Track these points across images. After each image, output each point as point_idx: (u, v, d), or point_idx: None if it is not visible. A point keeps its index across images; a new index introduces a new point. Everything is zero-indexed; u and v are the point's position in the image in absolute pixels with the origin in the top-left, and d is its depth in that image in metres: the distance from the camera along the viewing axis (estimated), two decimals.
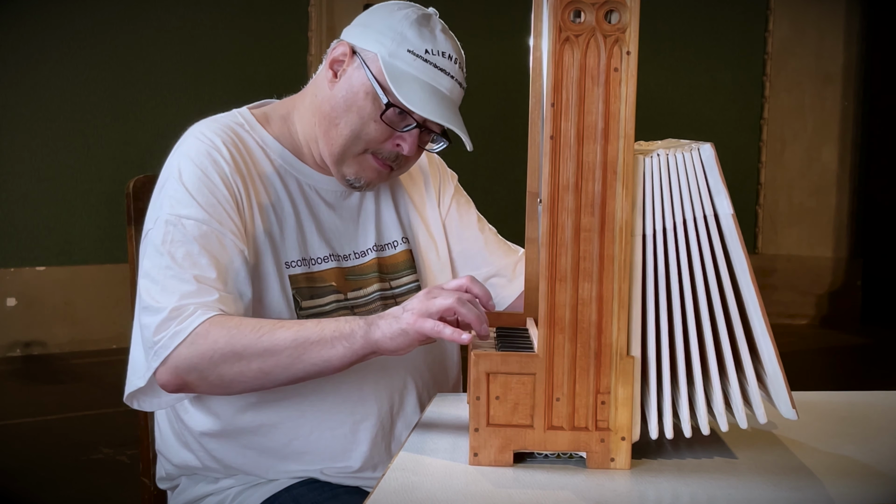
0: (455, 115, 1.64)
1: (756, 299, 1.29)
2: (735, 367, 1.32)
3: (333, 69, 1.67)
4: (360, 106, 1.63)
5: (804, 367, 5.16)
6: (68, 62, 5.23)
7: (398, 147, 1.65)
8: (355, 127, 1.63)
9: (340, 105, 1.64)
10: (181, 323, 1.48)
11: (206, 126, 1.68)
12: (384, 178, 1.70)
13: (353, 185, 1.69)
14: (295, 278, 1.65)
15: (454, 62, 1.65)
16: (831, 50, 6.43)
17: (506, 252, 1.86)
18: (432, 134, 1.67)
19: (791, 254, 6.56)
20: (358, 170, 1.66)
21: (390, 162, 1.67)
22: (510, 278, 1.83)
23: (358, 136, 1.64)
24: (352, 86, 1.64)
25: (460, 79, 1.66)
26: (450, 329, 1.37)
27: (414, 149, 1.65)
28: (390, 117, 1.62)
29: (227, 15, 5.58)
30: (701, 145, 1.30)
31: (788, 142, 6.55)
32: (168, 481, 1.77)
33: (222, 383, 1.51)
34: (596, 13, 1.25)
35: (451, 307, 1.38)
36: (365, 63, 1.63)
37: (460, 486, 1.25)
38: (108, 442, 3.82)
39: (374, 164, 1.66)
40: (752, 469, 1.34)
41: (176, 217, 1.57)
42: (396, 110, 1.61)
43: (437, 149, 1.72)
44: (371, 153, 1.65)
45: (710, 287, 1.30)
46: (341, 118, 1.64)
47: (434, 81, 1.62)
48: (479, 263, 1.84)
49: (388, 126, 1.63)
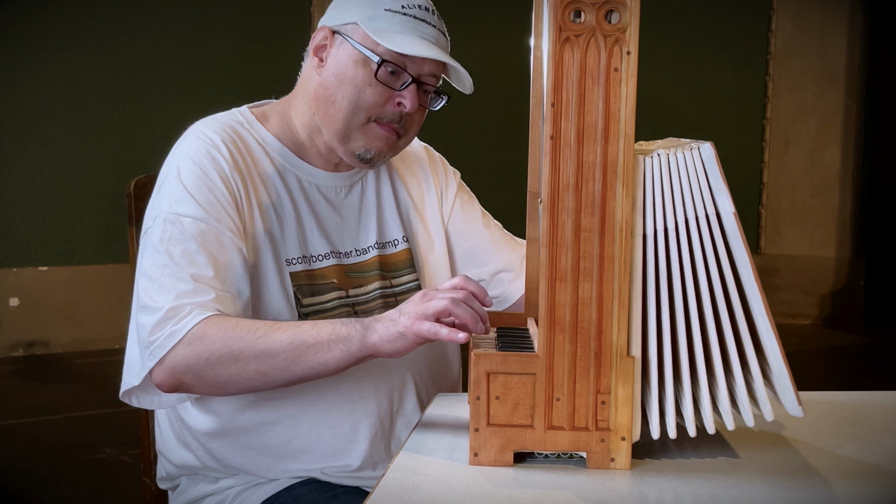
0: (447, 56, 1.65)
1: (759, 297, 1.29)
2: (740, 366, 1.31)
3: (318, 56, 1.68)
4: (353, 76, 1.63)
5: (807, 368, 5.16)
6: (70, 63, 5.23)
7: (400, 106, 1.65)
8: (353, 97, 1.64)
9: (333, 83, 1.65)
10: (177, 323, 1.48)
11: (206, 125, 1.69)
12: (393, 147, 1.70)
13: (364, 160, 1.68)
14: (296, 275, 1.65)
15: (432, 13, 1.67)
16: (834, 50, 6.42)
17: (512, 247, 1.86)
18: (430, 93, 1.68)
19: (794, 254, 6.56)
20: (366, 141, 1.66)
21: (396, 125, 1.66)
22: (518, 272, 1.83)
23: (357, 105, 1.64)
24: (339, 61, 1.65)
25: (443, 29, 1.68)
26: (446, 330, 1.38)
27: (416, 104, 1.65)
28: (384, 77, 1.63)
29: (228, 15, 5.58)
30: (701, 144, 1.30)
31: (791, 142, 6.55)
32: (168, 481, 1.77)
33: (218, 384, 1.51)
34: (596, 13, 1.25)
35: (447, 309, 1.38)
36: (347, 36, 1.65)
37: (460, 486, 1.24)
38: (111, 442, 3.82)
39: (381, 130, 1.66)
40: (754, 469, 1.33)
41: (174, 215, 1.57)
42: (389, 67, 1.62)
43: (438, 106, 1.71)
44: (375, 121, 1.65)
45: (713, 285, 1.30)
46: (336, 94, 1.64)
47: (418, 32, 1.64)
48: (486, 260, 1.85)
49: (385, 86, 1.63)
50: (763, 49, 6.52)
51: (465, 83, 1.68)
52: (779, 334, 1.30)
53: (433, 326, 1.38)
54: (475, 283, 1.46)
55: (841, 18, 6.41)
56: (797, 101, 6.51)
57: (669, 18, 6.35)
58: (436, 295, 1.41)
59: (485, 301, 1.44)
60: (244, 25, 5.62)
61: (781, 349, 1.30)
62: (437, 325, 1.38)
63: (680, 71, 6.47)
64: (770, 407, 1.32)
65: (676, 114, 6.37)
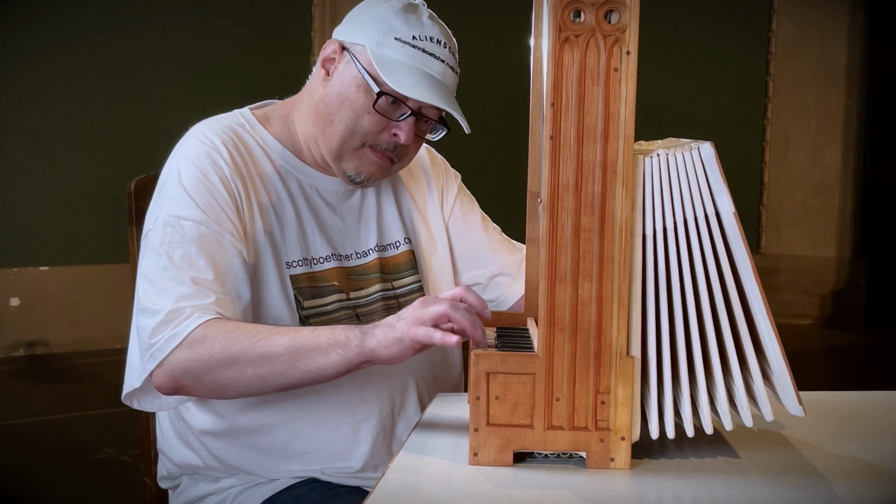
0: (449, 98, 1.64)
1: (760, 296, 1.29)
2: (739, 365, 1.31)
3: (326, 68, 1.68)
4: (353, 99, 1.63)
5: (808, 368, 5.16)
6: (71, 62, 5.24)
7: (395, 137, 1.64)
8: (350, 121, 1.63)
9: (334, 101, 1.64)
10: (177, 326, 1.49)
11: (207, 126, 1.69)
12: (386, 172, 1.70)
13: (354, 182, 1.68)
14: (296, 278, 1.65)
15: (444, 46, 1.64)
16: (835, 50, 6.42)
17: (510, 250, 1.86)
18: (430, 123, 1.67)
19: (794, 254, 6.56)
20: (358, 164, 1.66)
21: (390, 153, 1.66)
22: (515, 276, 1.83)
23: (353, 131, 1.63)
24: (343, 81, 1.64)
25: (452, 63, 1.66)
26: (439, 333, 1.37)
27: (411, 137, 1.64)
28: (383, 107, 1.62)
29: (229, 15, 5.58)
30: (701, 144, 1.30)
31: (792, 142, 6.54)
32: (169, 480, 1.77)
33: (217, 387, 1.51)
34: (596, 13, 1.25)
35: (445, 314, 1.38)
36: (354, 56, 1.64)
37: (460, 485, 1.24)
38: (111, 442, 3.82)
39: (374, 157, 1.66)
40: (753, 468, 1.33)
41: (174, 218, 1.57)
42: (389, 99, 1.61)
43: (437, 137, 1.71)
44: (369, 146, 1.65)
45: (712, 285, 1.30)
46: (335, 114, 1.64)
47: (425, 66, 1.62)
48: (484, 262, 1.84)
49: (383, 116, 1.62)
50: (764, 49, 6.52)
51: (464, 125, 1.65)
52: (779, 334, 1.30)
53: (428, 331, 1.38)
54: (475, 294, 1.45)
55: (842, 18, 6.41)
56: (798, 101, 6.51)
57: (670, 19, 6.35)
58: (434, 301, 1.41)
59: (483, 313, 1.44)
60: (245, 25, 5.62)
61: (782, 349, 1.30)
62: (432, 329, 1.38)
63: (681, 71, 6.46)
64: (770, 408, 1.32)
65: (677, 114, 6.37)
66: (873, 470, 1.36)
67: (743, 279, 1.30)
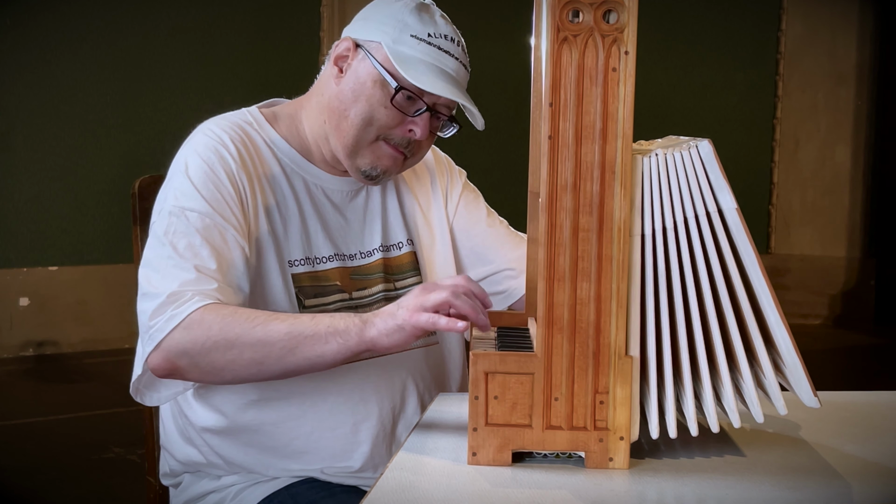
0: (464, 94, 1.66)
1: (768, 290, 1.28)
2: (748, 361, 1.31)
3: (338, 65, 1.68)
4: (370, 94, 1.64)
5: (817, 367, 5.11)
6: (80, 63, 5.26)
7: (410, 132, 1.65)
8: (366, 114, 1.64)
9: (349, 97, 1.65)
10: (177, 308, 1.49)
11: (216, 123, 1.70)
12: (399, 167, 1.70)
13: (370, 177, 1.68)
14: (298, 277, 1.66)
15: (456, 44, 1.67)
16: (844, 49, 6.41)
17: (517, 244, 1.86)
18: (442, 119, 1.68)
19: (804, 254, 6.54)
20: (373, 159, 1.67)
21: (403, 148, 1.67)
22: (522, 269, 1.83)
23: (370, 123, 1.64)
24: (358, 77, 1.65)
25: (464, 61, 1.68)
26: (445, 319, 1.37)
27: (426, 132, 1.66)
28: (400, 102, 1.63)
29: (238, 15, 5.59)
30: (699, 142, 1.30)
31: (801, 141, 6.53)
32: (171, 477, 1.77)
33: (213, 370, 1.50)
34: (594, 13, 1.25)
35: (447, 300, 1.38)
36: (370, 53, 1.65)
37: (458, 485, 1.24)
38: (119, 441, 3.83)
39: (389, 150, 1.66)
40: (754, 468, 1.33)
41: (180, 209, 1.58)
42: (406, 94, 1.62)
43: (449, 133, 1.72)
44: (384, 140, 1.66)
45: (715, 282, 1.29)
46: (350, 108, 1.65)
47: (439, 63, 1.64)
48: (492, 258, 1.85)
49: (399, 111, 1.63)
50: (773, 49, 6.51)
51: (478, 121, 1.68)
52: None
53: (431, 317, 1.38)
54: (476, 284, 1.46)
55: (851, 18, 6.39)
56: (807, 101, 6.50)
57: (679, 19, 6.34)
58: (435, 288, 1.41)
59: (485, 301, 1.44)
60: (253, 25, 5.63)
61: (793, 341, 1.29)
62: (436, 315, 1.38)
63: (690, 71, 6.46)
64: (783, 402, 1.31)
65: (686, 114, 6.37)
66: (877, 469, 1.36)
67: (749, 274, 1.30)
